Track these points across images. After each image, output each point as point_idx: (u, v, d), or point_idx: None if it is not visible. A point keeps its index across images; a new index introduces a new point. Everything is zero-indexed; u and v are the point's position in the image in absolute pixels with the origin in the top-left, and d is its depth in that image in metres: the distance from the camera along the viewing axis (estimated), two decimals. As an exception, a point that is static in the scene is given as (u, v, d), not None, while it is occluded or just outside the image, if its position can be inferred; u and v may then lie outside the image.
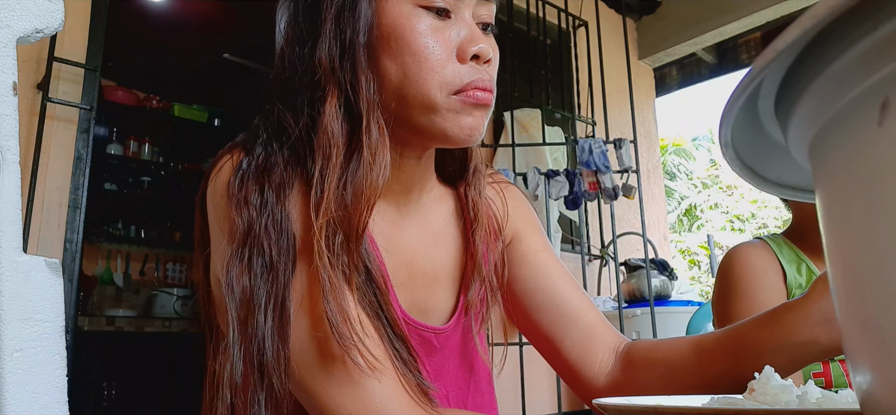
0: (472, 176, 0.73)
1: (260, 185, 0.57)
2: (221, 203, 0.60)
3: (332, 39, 0.60)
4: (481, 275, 0.70)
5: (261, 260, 0.54)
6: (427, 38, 0.59)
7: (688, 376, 0.66)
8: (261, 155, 0.61)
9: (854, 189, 0.24)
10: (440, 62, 0.59)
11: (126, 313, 3.52)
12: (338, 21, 0.60)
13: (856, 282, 0.24)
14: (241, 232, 0.55)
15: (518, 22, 3.20)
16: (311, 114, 0.60)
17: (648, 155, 4.20)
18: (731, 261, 1.17)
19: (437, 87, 0.59)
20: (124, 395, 3.14)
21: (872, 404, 0.24)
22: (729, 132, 0.30)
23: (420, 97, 0.59)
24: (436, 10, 0.60)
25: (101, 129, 3.61)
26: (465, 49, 0.60)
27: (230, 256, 0.55)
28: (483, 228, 0.71)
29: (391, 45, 0.59)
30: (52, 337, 0.39)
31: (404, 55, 0.59)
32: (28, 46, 1.94)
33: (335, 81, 0.59)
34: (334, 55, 0.59)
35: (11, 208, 0.38)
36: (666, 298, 3.03)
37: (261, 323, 0.53)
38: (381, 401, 0.54)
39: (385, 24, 0.59)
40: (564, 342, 0.73)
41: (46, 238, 2.01)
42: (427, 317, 0.69)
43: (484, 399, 0.75)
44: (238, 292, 0.54)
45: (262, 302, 0.53)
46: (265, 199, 0.57)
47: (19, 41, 0.40)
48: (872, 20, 0.21)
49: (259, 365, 0.53)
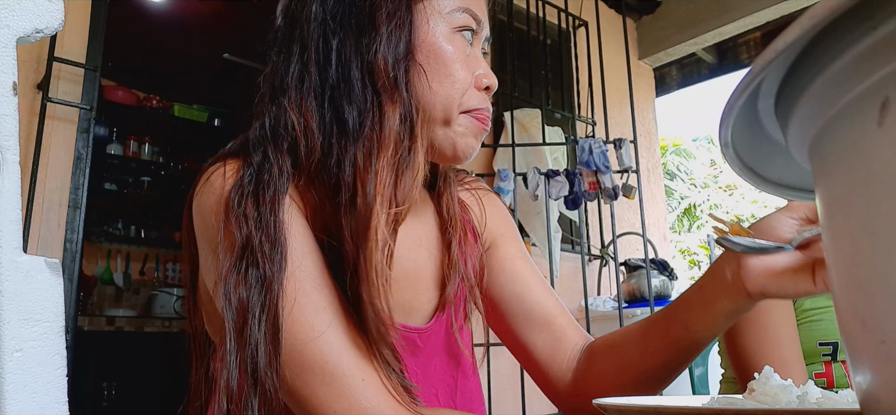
0: (444, 182, 0.78)
1: (256, 198, 0.59)
2: (211, 218, 0.61)
3: (386, 47, 0.63)
4: (459, 272, 0.73)
5: (256, 272, 0.56)
6: (459, 64, 0.66)
7: (638, 358, 0.70)
8: (258, 163, 0.61)
9: (854, 189, 0.24)
10: (464, 87, 0.66)
11: (126, 313, 3.52)
12: (397, 27, 0.64)
13: (856, 282, 0.24)
14: (239, 246, 0.57)
15: (518, 22, 3.20)
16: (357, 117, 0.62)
17: (648, 155, 4.20)
18: (731, 261, 1.16)
19: (455, 107, 0.66)
20: (124, 395, 3.14)
21: (872, 404, 0.24)
22: (729, 132, 0.30)
23: (443, 112, 0.65)
24: (470, 33, 0.68)
25: (101, 128, 3.61)
26: (480, 81, 0.68)
27: (227, 268, 0.57)
28: (458, 230, 0.75)
29: (431, 62, 0.65)
30: (52, 337, 0.39)
31: (441, 74, 0.65)
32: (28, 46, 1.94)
33: (395, 91, 0.62)
34: (392, 64, 0.63)
35: (11, 208, 0.38)
36: (666, 299, 3.03)
37: (255, 331, 0.55)
38: (365, 399, 0.56)
39: (429, 41, 0.65)
40: (536, 345, 0.77)
41: (46, 238, 2.01)
42: (410, 317, 0.71)
43: (473, 394, 0.77)
44: (235, 303, 0.56)
45: (256, 312, 0.55)
46: (260, 212, 0.58)
47: (19, 41, 0.40)
48: (872, 20, 0.21)
49: (252, 371, 0.54)
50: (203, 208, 0.63)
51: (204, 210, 0.62)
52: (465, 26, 0.67)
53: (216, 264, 0.59)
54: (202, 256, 0.64)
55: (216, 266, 0.59)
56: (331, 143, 0.62)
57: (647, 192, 3.77)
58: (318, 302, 0.58)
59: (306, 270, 0.59)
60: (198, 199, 0.64)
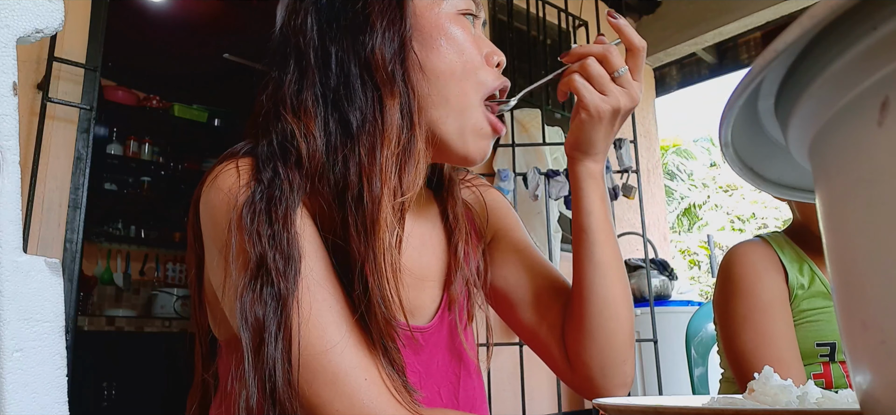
0: (448, 183, 0.79)
1: (269, 215, 0.59)
2: (219, 217, 0.61)
3: (383, 40, 0.64)
4: (463, 272, 0.74)
5: (271, 290, 0.56)
6: (469, 43, 0.68)
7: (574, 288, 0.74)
8: (269, 180, 0.61)
9: (854, 189, 0.24)
10: (478, 63, 0.68)
11: (126, 313, 3.52)
12: (390, 22, 0.64)
13: (856, 282, 0.24)
14: (254, 264, 0.57)
15: (518, 22, 3.20)
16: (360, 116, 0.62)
17: (648, 155, 4.20)
18: (732, 259, 1.15)
19: (473, 88, 0.67)
20: (124, 395, 3.14)
21: (872, 404, 0.24)
22: (729, 132, 0.30)
23: (459, 96, 0.66)
24: (472, 17, 0.70)
25: (101, 129, 3.61)
26: (490, 57, 0.70)
27: (243, 287, 0.57)
28: (463, 232, 0.76)
29: (441, 46, 0.66)
30: (52, 337, 0.39)
31: (453, 57, 0.66)
32: (28, 46, 1.94)
33: (394, 85, 0.63)
34: (391, 58, 0.63)
35: (11, 208, 0.38)
36: (666, 298, 3.03)
37: (271, 350, 0.55)
38: (368, 398, 0.56)
39: (438, 25, 0.67)
40: (542, 328, 0.77)
41: (46, 238, 2.01)
42: (413, 317, 0.71)
43: (476, 392, 0.77)
44: (251, 321, 0.56)
45: (272, 330, 0.55)
46: (274, 230, 0.58)
47: (19, 41, 0.40)
48: (872, 20, 0.21)
49: (271, 391, 0.55)
50: (211, 207, 0.62)
51: (211, 208, 0.62)
52: (466, 10, 0.69)
53: (222, 264, 0.59)
54: (208, 255, 0.64)
55: (223, 265, 0.59)
56: (335, 147, 0.62)
57: (647, 192, 3.77)
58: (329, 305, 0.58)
59: (316, 276, 0.59)
60: (205, 196, 0.64)
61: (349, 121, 0.62)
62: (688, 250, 10.94)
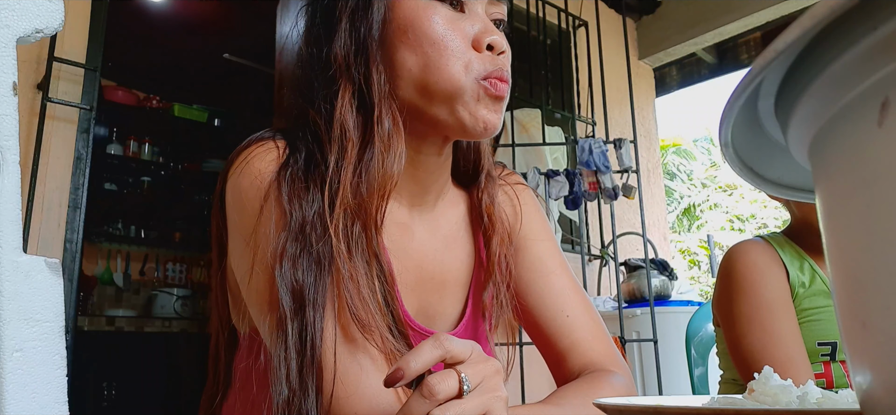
0: (485, 181, 0.73)
1: (307, 181, 0.59)
2: (248, 203, 0.60)
3: (346, 36, 0.62)
4: (496, 280, 0.69)
5: (308, 257, 0.55)
6: (444, 27, 0.61)
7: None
8: (304, 155, 0.61)
9: (854, 189, 0.23)
10: (460, 50, 0.61)
11: (126, 313, 3.52)
12: (352, 18, 0.62)
13: (856, 282, 0.24)
14: (296, 227, 0.56)
15: (518, 22, 3.20)
16: (327, 109, 0.62)
17: (648, 155, 4.20)
18: (732, 259, 1.14)
19: (461, 71, 0.61)
20: (124, 395, 3.13)
21: (872, 404, 0.24)
22: (729, 132, 0.30)
23: (443, 83, 0.61)
24: (450, 3, 0.63)
25: (101, 129, 3.61)
26: (480, 39, 0.63)
27: (281, 247, 0.56)
28: (501, 235, 0.71)
29: (409, 36, 0.61)
30: (52, 337, 0.39)
31: (423, 45, 0.61)
32: (28, 46, 1.94)
33: (348, 76, 0.61)
34: (349, 51, 0.61)
35: (11, 208, 0.38)
36: (666, 298, 3.03)
37: (311, 314, 0.54)
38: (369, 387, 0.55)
39: (401, 17, 0.61)
40: (545, 349, 0.74)
41: (46, 238, 2.00)
42: (433, 323, 0.69)
43: None
44: (290, 284, 0.55)
45: (312, 296, 0.54)
46: (312, 198, 0.58)
47: (19, 41, 0.40)
48: (872, 20, 0.21)
49: (311, 350, 0.53)
50: (240, 190, 0.61)
51: (240, 193, 0.60)
52: None
53: (247, 254, 0.58)
54: (232, 242, 0.62)
55: (248, 256, 0.58)
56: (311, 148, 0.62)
57: (647, 192, 3.77)
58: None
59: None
60: (233, 179, 0.62)
61: (319, 124, 0.62)
62: (688, 250, 10.94)
